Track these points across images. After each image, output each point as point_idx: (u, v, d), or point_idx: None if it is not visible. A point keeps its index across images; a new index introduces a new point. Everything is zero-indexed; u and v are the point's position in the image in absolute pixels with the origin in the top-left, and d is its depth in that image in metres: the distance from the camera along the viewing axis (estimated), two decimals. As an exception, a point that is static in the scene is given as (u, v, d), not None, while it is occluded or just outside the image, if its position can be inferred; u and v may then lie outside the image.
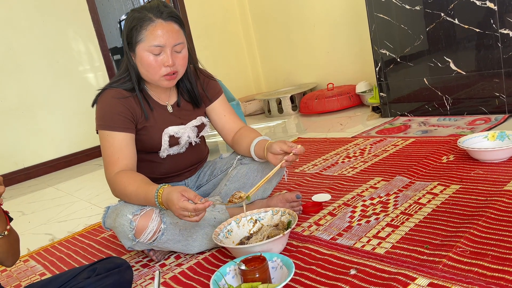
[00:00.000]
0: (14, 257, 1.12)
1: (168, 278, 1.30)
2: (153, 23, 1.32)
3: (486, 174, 1.58)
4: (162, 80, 1.37)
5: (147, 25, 1.32)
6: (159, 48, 1.32)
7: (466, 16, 2.39)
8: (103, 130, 1.36)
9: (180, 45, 1.36)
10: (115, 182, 1.31)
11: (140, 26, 1.32)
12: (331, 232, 1.38)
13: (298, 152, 1.35)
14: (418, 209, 1.40)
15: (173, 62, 1.34)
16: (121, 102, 1.38)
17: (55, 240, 1.91)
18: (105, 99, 1.39)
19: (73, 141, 3.68)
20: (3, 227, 1.04)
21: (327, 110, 3.54)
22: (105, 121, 1.36)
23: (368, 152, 2.20)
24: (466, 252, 1.09)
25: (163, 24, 1.32)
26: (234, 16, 4.57)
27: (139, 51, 1.34)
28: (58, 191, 2.88)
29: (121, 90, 1.40)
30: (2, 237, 1.04)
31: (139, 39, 1.33)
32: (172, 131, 1.47)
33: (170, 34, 1.33)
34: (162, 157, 1.49)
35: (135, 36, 1.33)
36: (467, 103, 2.53)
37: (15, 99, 3.40)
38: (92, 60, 3.79)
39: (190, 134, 1.52)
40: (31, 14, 3.45)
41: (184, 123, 1.51)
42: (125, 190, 1.28)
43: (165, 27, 1.32)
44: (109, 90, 1.41)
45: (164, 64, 1.34)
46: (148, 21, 1.32)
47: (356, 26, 3.55)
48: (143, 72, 1.38)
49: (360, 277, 1.09)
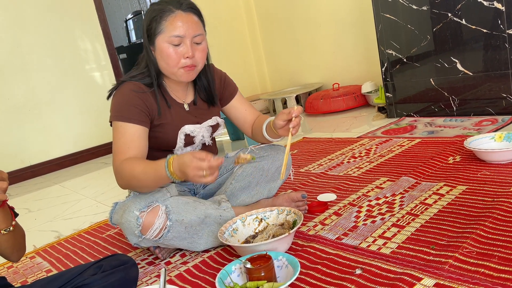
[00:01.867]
0: (19, 252, 1.14)
1: (174, 276, 1.30)
2: (173, 13, 1.32)
3: (493, 175, 1.57)
4: (181, 72, 1.37)
5: (167, 16, 1.32)
6: (179, 39, 1.32)
7: (473, 16, 2.38)
8: (118, 121, 1.35)
9: (200, 36, 1.36)
10: (122, 168, 1.28)
11: (160, 17, 1.33)
12: (336, 231, 1.38)
13: (297, 114, 1.35)
14: (424, 210, 1.40)
15: (192, 54, 1.34)
16: (138, 96, 1.37)
17: (61, 237, 1.92)
18: (123, 91, 1.39)
19: (79, 139, 3.70)
20: (9, 222, 1.06)
21: (332, 110, 3.53)
22: (120, 112, 1.35)
23: (373, 152, 2.19)
24: (472, 253, 1.09)
25: (183, 14, 1.33)
26: (240, 16, 4.58)
27: (159, 43, 1.34)
28: (64, 188, 2.89)
29: (140, 84, 1.40)
30: (8, 232, 1.05)
31: (159, 30, 1.33)
32: (188, 130, 1.47)
33: (190, 25, 1.33)
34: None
35: (155, 28, 1.33)
36: (474, 104, 2.52)
37: (22, 97, 3.42)
38: (98, 58, 3.81)
39: (204, 134, 1.52)
40: (38, 12, 3.47)
41: (200, 122, 1.51)
42: (133, 171, 1.25)
43: (185, 18, 1.33)
44: (127, 83, 1.40)
45: (184, 56, 1.34)
46: (168, 12, 1.32)
47: (362, 26, 3.54)
48: (162, 65, 1.38)
49: (366, 277, 1.08)
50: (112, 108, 1.39)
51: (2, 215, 1.04)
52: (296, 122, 1.35)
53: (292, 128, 1.35)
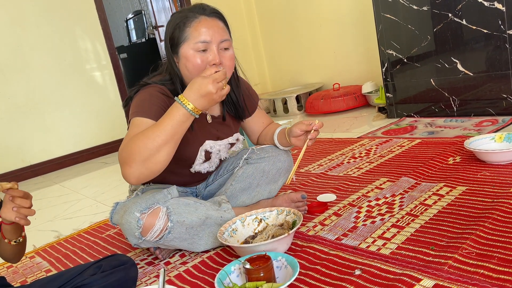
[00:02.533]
0: (21, 256, 1.16)
1: (173, 276, 1.30)
2: (196, 19, 1.27)
3: (493, 176, 1.57)
4: None
5: (190, 22, 1.26)
6: (205, 44, 1.26)
7: (474, 17, 2.38)
8: (137, 116, 1.23)
9: (226, 41, 1.29)
10: (130, 142, 1.13)
11: (183, 24, 1.27)
12: (336, 232, 1.38)
13: (318, 127, 1.35)
14: (424, 210, 1.40)
15: (220, 60, 1.27)
16: (164, 98, 1.29)
17: (61, 237, 1.92)
18: (150, 91, 1.30)
19: (80, 138, 3.71)
20: (19, 233, 1.10)
21: (333, 110, 3.53)
22: (141, 109, 1.25)
23: (373, 152, 2.19)
24: (472, 254, 1.09)
25: (208, 19, 1.28)
26: (241, 16, 4.58)
27: (184, 51, 1.27)
28: (64, 188, 2.90)
29: (166, 89, 1.32)
30: (16, 244, 1.09)
31: (183, 38, 1.26)
32: (208, 146, 1.43)
33: (216, 29, 1.27)
34: (192, 172, 1.45)
35: (178, 36, 1.27)
36: (474, 104, 2.52)
37: (23, 96, 3.43)
38: (99, 58, 3.81)
39: (221, 149, 1.48)
40: (39, 12, 3.47)
41: (221, 137, 1.47)
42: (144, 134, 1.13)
43: (210, 23, 1.27)
44: (153, 86, 1.32)
45: (210, 63, 1.26)
46: (191, 17, 1.27)
47: (363, 26, 3.54)
48: (188, 76, 1.29)
49: (365, 278, 1.08)
50: (133, 106, 1.29)
51: (14, 228, 1.09)
52: (314, 134, 1.35)
53: (309, 139, 1.35)
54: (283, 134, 1.48)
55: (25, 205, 1.02)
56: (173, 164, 1.39)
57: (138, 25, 6.49)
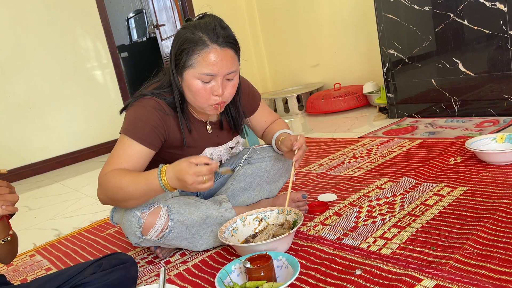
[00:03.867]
0: (13, 256, 1.14)
1: (173, 275, 1.30)
2: (207, 48, 1.19)
3: (494, 177, 1.56)
4: (209, 108, 1.27)
5: (199, 50, 1.19)
6: (210, 77, 1.22)
7: (475, 17, 2.37)
8: (126, 135, 1.24)
9: (233, 73, 1.25)
10: (107, 178, 1.17)
11: (192, 50, 1.20)
12: (336, 232, 1.38)
13: (298, 146, 1.34)
14: (424, 211, 1.40)
15: (222, 92, 1.24)
16: (159, 116, 1.26)
17: (61, 235, 1.92)
18: (144, 106, 1.26)
19: (80, 137, 3.70)
20: (6, 232, 1.07)
21: (333, 110, 3.53)
22: (133, 128, 1.24)
23: (374, 152, 2.19)
24: (473, 254, 1.09)
25: (218, 50, 1.20)
26: (242, 15, 4.57)
27: (188, 77, 1.23)
28: (65, 187, 2.90)
29: (163, 103, 1.28)
30: (5, 243, 1.06)
31: (189, 64, 1.21)
32: (208, 153, 1.42)
33: (224, 62, 1.21)
34: None
35: (185, 60, 1.21)
36: (476, 104, 2.52)
37: (23, 95, 3.42)
38: (99, 57, 3.81)
39: (222, 154, 1.48)
40: (39, 10, 3.47)
41: (221, 143, 1.46)
42: (120, 181, 1.15)
43: (220, 54, 1.20)
44: (149, 98, 1.28)
45: (213, 93, 1.23)
46: (201, 45, 1.19)
47: (364, 26, 3.54)
48: (190, 98, 1.27)
49: (366, 278, 1.08)
50: (126, 120, 1.27)
51: (1, 227, 1.05)
52: (298, 155, 1.34)
53: (295, 161, 1.34)
54: (278, 144, 1.48)
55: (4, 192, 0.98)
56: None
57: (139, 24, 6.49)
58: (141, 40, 6.38)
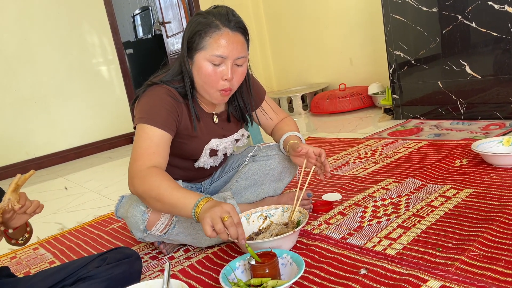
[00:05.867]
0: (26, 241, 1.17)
1: (177, 271, 1.30)
2: (219, 31, 1.23)
3: (500, 179, 1.56)
4: (217, 95, 1.29)
5: (212, 32, 1.23)
6: (221, 59, 1.24)
7: (483, 19, 2.36)
8: (146, 124, 1.23)
9: (242, 59, 1.27)
10: (147, 174, 1.16)
11: (204, 33, 1.23)
12: (341, 231, 1.37)
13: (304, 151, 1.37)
14: (430, 212, 1.39)
15: (231, 76, 1.26)
16: (171, 101, 1.28)
17: (64, 229, 1.92)
18: (157, 93, 1.28)
19: (84, 132, 3.71)
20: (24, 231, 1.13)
21: (338, 111, 3.52)
22: (150, 115, 1.24)
23: (379, 153, 2.18)
24: (479, 256, 1.08)
25: (230, 34, 1.23)
26: (248, 14, 4.57)
27: (198, 59, 1.25)
28: (68, 181, 2.90)
29: (174, 91, 1.30)
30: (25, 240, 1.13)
31: (201, 46, 1.24)
32: (214, 144, 1.43)
33: (235, 46, 1.24)
34: (196, 167, 1.45)
35: (197, 42, 1.24)
36: (482, 107, 2.51)
37: (29, 89, 3.43)
38: (105, 53, 3.81)
39: (228, 146, 1.48)
40: (46, 5, 3.48)
41: (227, 135, 1.47)
42: (159, 186, 1.13)
43: (231, 38, 1.23)
44: (161, 86, 1.30)
45: (223, 78, 1.25)
46: (214, 28, 1.23)
47: (371, 27, 3.53)
48: (199, 82, 1.29)
49: (371, 277, 1.08)
50: (140, 110, 1.27)
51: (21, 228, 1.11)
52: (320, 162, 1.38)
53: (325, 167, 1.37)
54: (286, 147, 1.48)
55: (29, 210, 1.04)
56: (178, 159, 1.39)
57: (145, 21, 6.50)
58: (147, 37, 6.39)
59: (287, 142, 1.46)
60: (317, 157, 1.38)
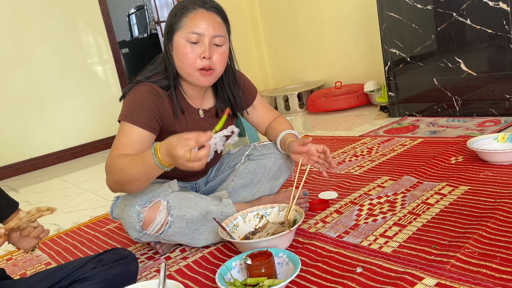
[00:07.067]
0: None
1: (174, 271, 1.30)
2: (194, 11, 1.28)
3: (495, 176, 1.56)
4: (197, 74, 1.30)
5: (188, 13, 1.28)
6: (197, 36, 1.27)
7: (478, 16, 2.37)
8: (125, 121, 1.27)
9: (220, 37, 1.30)
10: (111, 164, 1.19)
11: (181, 13, 1.29)
12: (337, 229, 1.37)
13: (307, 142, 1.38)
14: (426, 209, 1.39)
15: (209, 55, 1.27)
16: (153, 99, 1.30)
17: (61, 230, 1.92)
18: (139, 92, 1.31)
19: (80, 133, 3.70)
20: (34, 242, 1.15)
21: (334, 109, 3.52)
22: (130, 113, 1.27)
23: (375, 151, 2.19)
24: (474, 253, 1.08)
25: (205, 13, 1.29)
26: (243, 12, 4.56)
27: (176, 39, 1.29)
28: (65, 182, 2.89)
29: (156, 87, 1.33)
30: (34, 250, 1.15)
31: (178, 26, 1.28)
32: None
33: (210, 23, 1.28)
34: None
35: (175, 24, 1.29)
36: (477, 104, 2.51)
37: (24, 89, 3.42)
38: (100, 52, 3.80)
39: (217, 142, 1.48)
40: (41, 5, 3.46)
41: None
42: (121, 164, 1.15)
43: (206, 16, 1.28)
44: (143, 84, 1.33)
45: (200, 56, 1.27)
46: (190, 8, 1.29)
47: (366, 25, 3.53)
48: (178, 64, 1.31)
49: (367, 275, 1.08)
50: (123, 108, 1.31)
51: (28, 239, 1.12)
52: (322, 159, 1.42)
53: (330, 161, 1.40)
54: (284, 145, 1.47)
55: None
56: None
57: (140, 20, 6.48)
58: (142, 37, 6.37)
59: (285, 140, 1.46)
60: (319, 154, 1.37)
